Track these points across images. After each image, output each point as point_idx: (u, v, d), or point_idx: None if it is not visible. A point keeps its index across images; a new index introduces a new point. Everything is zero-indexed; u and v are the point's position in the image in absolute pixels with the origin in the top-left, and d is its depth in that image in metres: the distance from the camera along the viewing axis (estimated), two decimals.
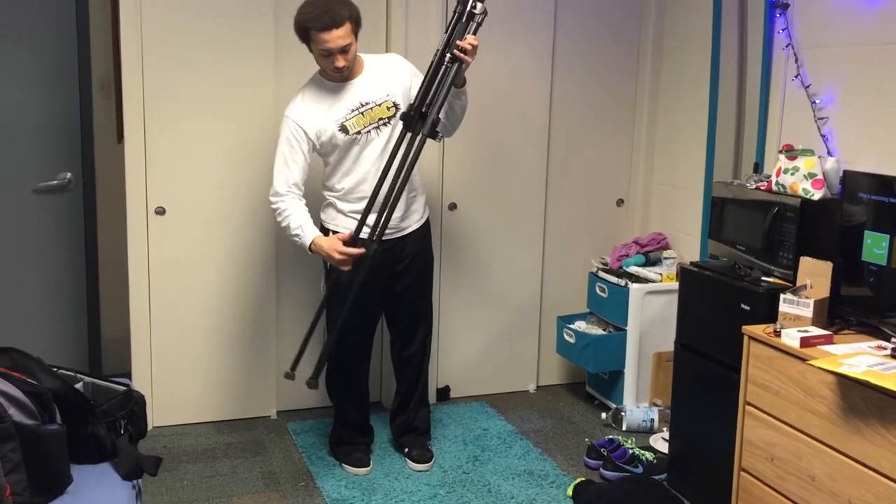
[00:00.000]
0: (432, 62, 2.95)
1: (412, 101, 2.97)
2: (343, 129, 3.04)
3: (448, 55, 2.91)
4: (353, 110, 3.06)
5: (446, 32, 2.95)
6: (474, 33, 2.93)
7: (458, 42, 2.90)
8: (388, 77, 3.12)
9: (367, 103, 3.07)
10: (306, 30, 2.93)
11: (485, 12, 2.94)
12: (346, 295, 3.15)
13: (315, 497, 3.12)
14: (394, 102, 3.09)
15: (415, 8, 3.64)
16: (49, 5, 3.56)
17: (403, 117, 2.96)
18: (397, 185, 2.92)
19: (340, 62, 2.95)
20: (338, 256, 2.92)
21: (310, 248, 3.00)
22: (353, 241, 2.95)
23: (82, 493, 2.03)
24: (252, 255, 3.65)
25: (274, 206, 3.07)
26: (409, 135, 2.94)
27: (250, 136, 3.55)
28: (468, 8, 2.92)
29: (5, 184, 3.61)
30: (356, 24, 2.97)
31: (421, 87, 2.95)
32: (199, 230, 3.57)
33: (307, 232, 3.01)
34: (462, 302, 3.97)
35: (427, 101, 2.93)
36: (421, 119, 2.92)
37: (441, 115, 2.97)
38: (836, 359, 2.34)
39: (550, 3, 3.89)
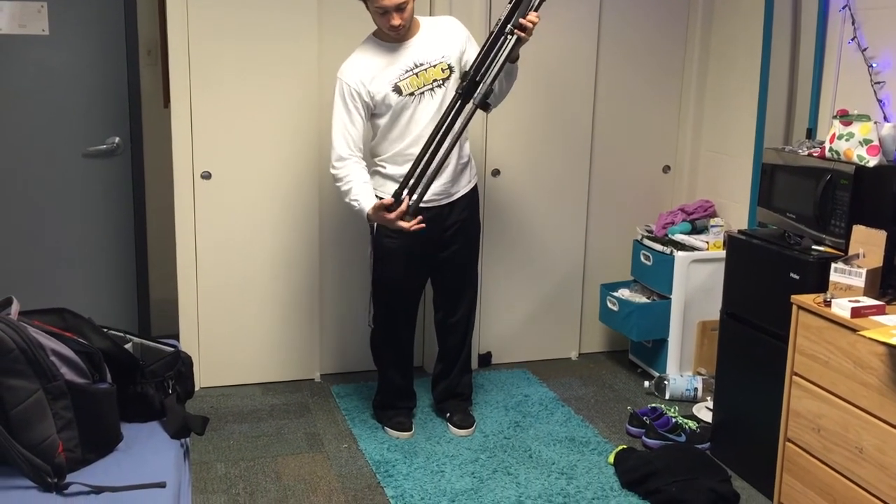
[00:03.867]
0: (492, 32, 2.90)
1: (468, 70, 2.93)
2: (397, 89, 3.02)
3: (509, 27, 2.86)
4: (407, 71, 3.03)
5: (510, 3, 2.89)
6: (537, 9, 2.88)
7: (521, 20, 2.85)
8: (444, 39, 3.09)
9: (421, 64, 3.04)
10: None
11: None
12: (392, 261, 3.17)
13: (358, 459, 3.16)
14: (448, 65, 3.06)
15: None
16: None
17: (461, 87, 2.91)
18: (443, 152, 2.90)
19: (396, 20, 2.92)
20: (389, 223, 2.92)
21: (368, 218, 3.00)
22: (397, 202, 2.92)
23: (132, 450, 2.07)
24: (297, 219, 3.67)
25: (335, 172, 3.05)
26: (458, 103, 2.91)
27: (295, 99, 3.55)
28: None
29: (55, 148, 3.67)
30: None
31: (478, 57, 2.91)
32: (245, 194, 3.59)
33: (364, 203, 2.98)
34: (505, 268, 3.96)
35: (482, 71, 2.88)
36: (473, 89, 2.88)
37: (494, 86, 2.93)
38: (888, 329, 2.29)
39: None
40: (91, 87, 3.68)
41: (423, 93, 3.04)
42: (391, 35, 3.02)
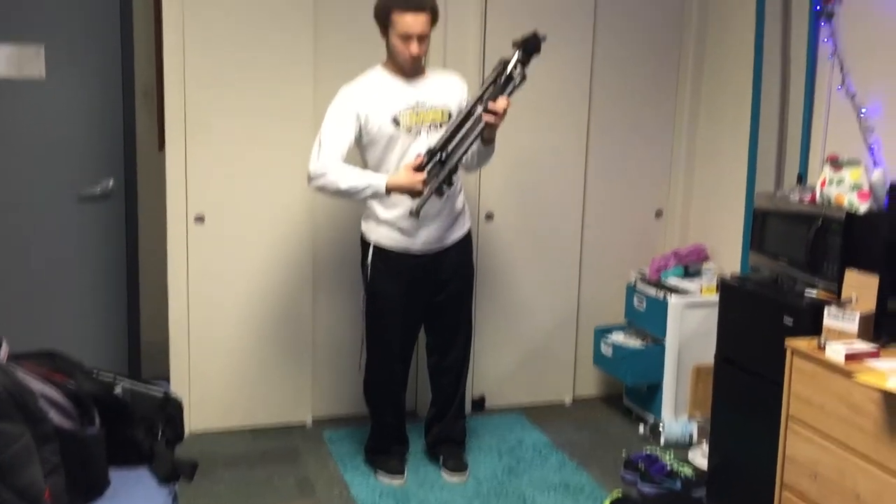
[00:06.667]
0: (461, 111, 2.95)
1: (433, 144, 2.94)
2: (395, 120, 3.04)
3: (479, 109, 2.91)
4: (408, 106, 3.06)
5: (482, 86, 2.96)
6: (509, 95, 2.93)
7: (490, 103, 2.89)
8: (449, 88, 3.15)
9: (423, 103, 3.08)
10: (389, 11, 2.96)
11: (524, 77, 2.94)
12: (385, 304, 3.16)
13: None
14: (448, 111, 3.09)
15: (454, 11, 3.65)
16: (93, 14, 3.62)
17: (428, 153, 2.92)
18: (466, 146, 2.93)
19: (416, 49, 2.97)
20: (419, 185, 2.88)
21: (388, 192, 2.95)
22: (421, 165, 2.90)
23: (120, 496, 2.04)
24: (289, 263, 3.67)
25: (318, 176, 2.97)
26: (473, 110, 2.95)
27: (290, 143, 3.57)
28: (508, 70, 2.92)
29: (50, 190, 3.67)
30: (435, 18, 3.01)
31: (446, 133, 2.94)
32: (238, 238, 3.59)
33: (376, 179, 2.95)
34: (498, 311, 3.95)
35: (448, 149, 2.91)
36: (439, 165, 2.90)
37: (461, 163, 2.97)
38: (882, 374, 2.28)
39: (590, 13, 3.87)
40: (87, 130, 3.69)
41: (419, 131, 3.06)
42: (403, 67, 3.05)
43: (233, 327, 3.65)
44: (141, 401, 2.31)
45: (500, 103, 2.90)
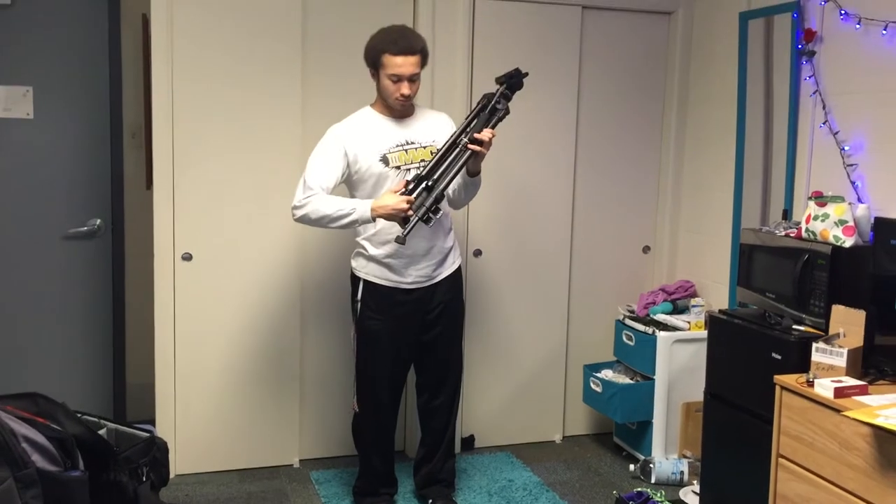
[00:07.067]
0: (447, 141, 2.99)
1: (419, 171, 2.97)
2: (384, 159, 3.06)
3: (464, 139, 2.95)
4: (398, 145, 3.08)
5: (467, 119, 3.02)
6: (493, 127, 2.98)
7: (475, 134, 2.94)
8: (437, 127, 3.18)
9: (412, 142, 3.10)
10: (380, 53, 2.99)
11: (507, 111, 3.01)
12: (376, 343, 3.15)
13: None
14: (437, 150, 3.11)
15: (442, 50, 3.69)
16: (83, 56, 3.65)
17: (415, 179, 2.95)
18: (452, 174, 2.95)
19: (407, 90, 3.00)
20: (405, 205, 2.87)
21: (373, 217, 2.95)
22: (408, 190, 2.91)
23: None
24: (277, 303, 3.65)
25: (302, 206, 2.99)
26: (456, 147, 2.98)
27: (278, 182, 3.57)
28: (492, 103, 3.00)
29: (37, 229, 3.66)
30: (425, 60, 3.05)
31: (432, 161, 2.97)
32: (226, 276, 3.58)
33: (360, 205, 2.96)
34: (487, 349, 3.94)
35: (435, 177, 2.93)
36: (426, 192, 2.93)
37: (449, 191, 3.00)
38: (871, 410, 2.28)
39: (575, 50, 3.92)
40: (74, 170, 3.69)
41: (409, 169, 3.08)
42: (393, 107, 3.08)
43: (220, 367, 3.61)
44: (126, 443, 2.28)
45: (485, 133, 2.94)
